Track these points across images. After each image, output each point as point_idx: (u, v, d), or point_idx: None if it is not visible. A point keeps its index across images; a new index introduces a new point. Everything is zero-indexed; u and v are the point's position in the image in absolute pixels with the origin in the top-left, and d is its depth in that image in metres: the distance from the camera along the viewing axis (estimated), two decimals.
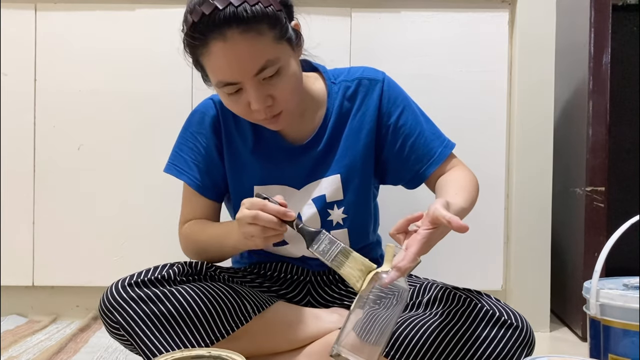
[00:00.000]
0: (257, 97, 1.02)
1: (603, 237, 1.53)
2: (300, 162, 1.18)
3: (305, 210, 1.17)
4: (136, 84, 1.67)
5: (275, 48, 1.01)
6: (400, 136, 1.18)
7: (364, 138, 1.17)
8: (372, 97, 1.18)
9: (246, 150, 1.19)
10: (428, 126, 1.19)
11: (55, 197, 1.68)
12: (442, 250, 1.70)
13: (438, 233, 0.92)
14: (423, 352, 0.99)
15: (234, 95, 1.04)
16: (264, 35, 0.99)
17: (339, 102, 1.18)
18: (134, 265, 1.20)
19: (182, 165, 1.20)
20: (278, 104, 1.05)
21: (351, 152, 1.17)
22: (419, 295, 1.11)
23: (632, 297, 1.03)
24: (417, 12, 1.67)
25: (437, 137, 1.19)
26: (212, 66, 1.02)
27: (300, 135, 1.18)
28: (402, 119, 1.18)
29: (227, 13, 0.96)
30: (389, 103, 1.18)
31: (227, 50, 0.99)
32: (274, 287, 1.23)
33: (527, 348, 1.01)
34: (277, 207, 0.99)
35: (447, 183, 1.13)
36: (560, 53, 1.64)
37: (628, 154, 1.80)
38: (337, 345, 0.89)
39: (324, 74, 1.21)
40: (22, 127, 1.68)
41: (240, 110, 1.07)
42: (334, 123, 1.18)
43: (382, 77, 1.19)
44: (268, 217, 0.98)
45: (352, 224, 1.19)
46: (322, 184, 1.17)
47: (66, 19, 1.67)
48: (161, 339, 1.03)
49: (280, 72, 1.03)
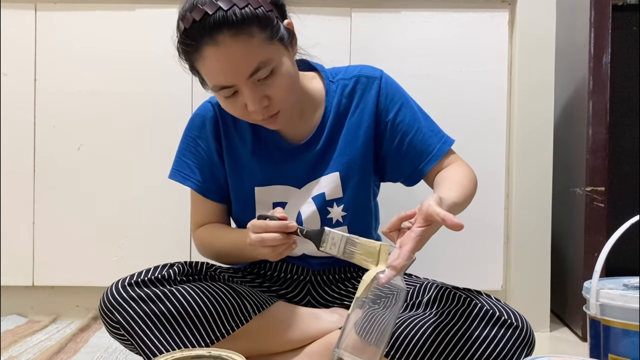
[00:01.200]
0: (253, 99, 1.03)
1: (603, 237, 1.53)
2: (300, 162, 1.18)
3: (305, 208, 1.18)
4: (136, 84, 1.67)
5: (268, 49, 1.02)
6: (398, 133, 1.18)
7: (363, 135, 1.18)
8: (370, 95, 1.18)
9: (246, 151, 1.19)
10: (426, 123, 1.19)
11: (55, 197, 1.68)
12: (442, 250, 1.71)
13: (432, 229, 0.92)
14: (423, 352, 0.99)
15: (230, 98, 1.05)
16: (255, 37, 1.00)
17: (337, 101, 1.18)
18: (134, 265, 1.20)
19: (186, 171, 1.22)
20: (274, 104, 1.06)
21: (350, 150, 1.17)
22: (419, 295, 1.11)
23: (632, 297, 1.03)
24: (417, 12, 1.67)
25: (435, 133, 1.19)
26: (207, 71, 1.03)
27: (299, 134, 1.18)
28: (399, 115, 1.18)
29: (216, 18, 0.97)
30: (386, 100, 1.18)
31: (219, 55, 1.00)
32: (274, 286, 1.23)
33: (527, 348, 1.01)
34: (278, 224, 0.99)
35: (443, 179, 1.12)
36: (560, 53, 1.64)
37: (628, 154, 1.80)
38: (338, 349, 0.89)
39: (321, 73, 1.21)
40: (22, 127, 1.68)
41: (238, 112, 1.07)
42: (332, 121, 1.18)
43: (380, 75, 1.20)
44: (273, 236, 0.99)
45: (352, 222, 1.19)
46: (322, 182, 1.18)
47: (66, 19, 1.67)
48: (161, 339, 1.03)
49: (274, 72, 1.03)
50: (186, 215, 1.63)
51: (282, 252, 1.02)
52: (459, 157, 1.20)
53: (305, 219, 1.17)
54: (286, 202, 1.19)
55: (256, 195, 1.19)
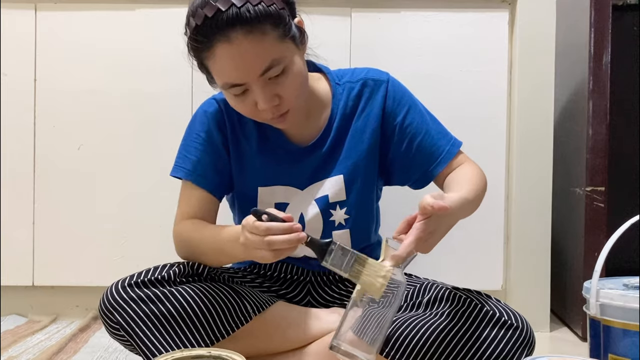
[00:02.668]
0: (264, 97, 1.02)
1: (603, 237, 1.53)
2: (304, 163, 1.17)
3: (308, 210, 1.17)
4: (136, 84, 1.67)
5: (280, 47, 1.01)
6: (406, 136, 1.17)
7: (368, 139, 1.17)
8: (377, 98, 1.17)
9: (251, 151, 1.18)
10: (434, 125, 1.19)
11: (55, 197, 1.68)
12: (442, 250, 1.70)
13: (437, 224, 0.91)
14: (423, 353, 0.99)
15: (240, 96, 1.04)
16: (268, 35, 0.99)
17: (343, 103, 1.18)
18: (134, 265, 1.20)
19: (188, 167, 1.17)
20: (285, 103, 1.05)
21: (355, 153, 1.17)
22: (419, 296, 1.11)
23: (632, 297, 1.03)
24: (417, 12, 1.67)
25: (443, 135, 1.18)
26: (218, 68, 1.02)
27: (306, 136, 1.18)
28: (407, 118, 1.17)
29: (230, 15, 0.96)
30: (394, 103, 1.17)
31: (232, 52, 0.98)
32: (274, 287, 1.23)
33: (527, 348, 1.01)
34: (285, 227, 0.93)
35: (452, 180, 1.12)
36: (560, 53, 1.64)
37: (628, 154, 1.80)
38: (337, 339, 0.89)
39: (327, 75, 1.21)
40: (22, 127, 1.68)
41: (248, 111, 1.07)
42: (338, 124, 1.17)
43: (387, 78, 1.19)
44: (281, 239, 0.92)
45: (354, 225, 1.19)
46: (326, 185, 1.17)
47: (66, 19, 1.67)
48: (161, 339, 1.03)
49: (285, 70, 1.02)
50: None
51: (282, 255, 0.96)
52: (468, 157, 1.19)
53: (308, 221, 1.17)
54: (288, 202, 1.18)
55: (259, 195, 1.19)
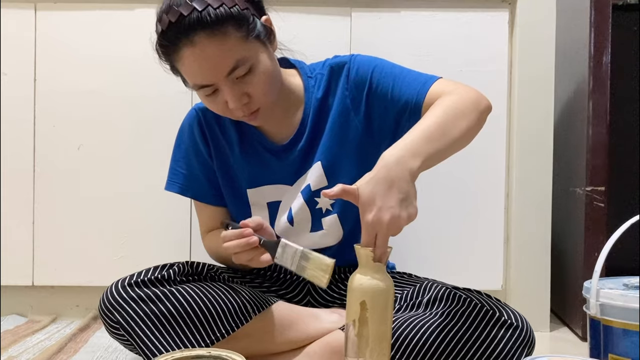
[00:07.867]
0: (233, 96, 1.04)
1: (603, 237, 1.53)
2: (287, 160, 1.18)
3: (294, 203, 1.18)
4: (136, 84, 1.67)
5: (244, 47, 1.03)
6: (379, 97, 1.12)
7: (345, 121, 1.16)
8: (341, 79, 1.16)
9: (234, 155, 1.20)
10: (403, 74, 1.12)
11: (55, 197, 1.68)
12: (442, 250, 1.71)
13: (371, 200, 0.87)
14: (423, 352, 0.99)
15: (211, 96, 1.07)
16: (231, 36, 1.01)
17: (315, 95, 1.18)
18: (134, 265, 1.20)
19: (181, 181, 1.24)
20: (254, 101, 1.07)
21: (333, 138, 1.16)
22: (419, 295, 1.11)
23: (632, 297, 1.03)
24: (417, 12, 1.67)
25: (414, 79, 1.10)
26: (186, 71, 1.05)
27: (284, 133, 1.19)
28: (373, 82, 1.13)
29: (191, 19, 0.99)
30: (357, 76, 1.14)
31: (196, 55, 1.01)
32: (273, 287, 1.23)
33: (527, 348, 1.01)
34: (234, 233, 1.04)
35: None
36: (560, 53, 1.64)
37: (628, 154, 1.80)
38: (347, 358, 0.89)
39: (300, 70, 1.21)
40: (22, 127, 1.68)
41: (220, 110, 1.09)
42: (313, 116, 1.18)
43: (349, 58, 1.16)
44: (233, 244, 1.03)
45: (341, 209, 1.18)
46: (308, 175, 1.18)
47: (66, 19, 1.67)
48: (161, 339, 1.03)
49: (252, 69, 1.04)
50: (186, 215, 1.64)
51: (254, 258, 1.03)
52: (450, 84, 1.07)
53: (295, 213, 1.18)
54: (280, 200, 1.19)
55: (249, 197, 1.20)
